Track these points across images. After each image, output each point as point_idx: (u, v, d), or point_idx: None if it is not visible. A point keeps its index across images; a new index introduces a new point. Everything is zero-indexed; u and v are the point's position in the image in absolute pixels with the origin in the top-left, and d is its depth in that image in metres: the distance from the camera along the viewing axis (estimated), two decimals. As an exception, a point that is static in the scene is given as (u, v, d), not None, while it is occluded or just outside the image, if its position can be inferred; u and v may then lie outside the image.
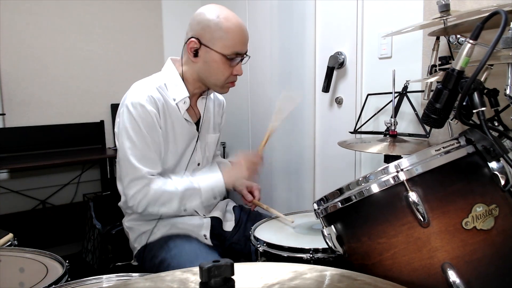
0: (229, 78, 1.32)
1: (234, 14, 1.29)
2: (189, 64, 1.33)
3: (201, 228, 1.39)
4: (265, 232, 1.24)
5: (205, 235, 1.38)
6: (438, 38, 1.44)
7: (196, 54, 1.29)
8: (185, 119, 1.36)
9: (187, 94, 1.33)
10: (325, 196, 0.86)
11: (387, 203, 0.77)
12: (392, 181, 0.76)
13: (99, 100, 2.87)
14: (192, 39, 1.27)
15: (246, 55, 1.33)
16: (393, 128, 1.48)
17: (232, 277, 0.54)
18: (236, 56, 1.29)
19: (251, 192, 1.51)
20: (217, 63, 1.28)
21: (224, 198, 1.61)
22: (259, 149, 1.44)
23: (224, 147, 2.93)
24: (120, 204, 1.44)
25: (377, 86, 1.92)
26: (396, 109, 1.65)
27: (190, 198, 1.28)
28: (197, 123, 1.41)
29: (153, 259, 1.30)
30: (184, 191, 1.27)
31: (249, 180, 1.46)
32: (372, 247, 0.78)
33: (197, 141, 1.40)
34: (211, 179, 1.32)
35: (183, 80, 1.34)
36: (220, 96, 1.56)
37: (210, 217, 1.44)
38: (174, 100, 1.32)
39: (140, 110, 1.25)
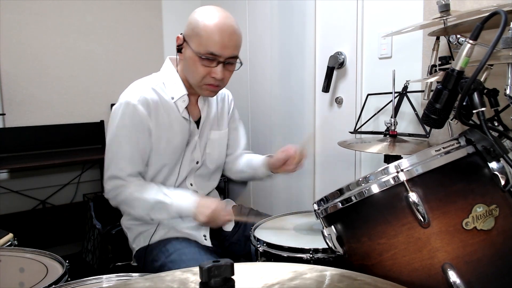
0: (206, 79, 1.27)
1: (225, 16, 1.25)
2: (180, 62, 1.34)
3: (201, 229, 1.38)
4: (265, 232, 1.24)
5: (204, 236, 1.37)
6: (438, 38, 1.44)
7: (179, 50, 1.30)
8: (183, 117, 1.35)
9: (185, 92, 1.33)
10: (325, 197, 0.86)
11: (387, 203, 0.77)
12: (392, 182, 0.75)
13: (99, 100, 2.87)
14: (179, 35, 1.29)
15: (239, 61, 1.29)
16: (393, 128, 1.48)
17: (232, 277, 0.54)
18: (212, 57, 1.23)
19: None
20: (192, 60, 1.26)
21: (224, 198, 1.61)
22: (235, 217, 1.39)
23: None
24: None
25: (377, 86, 1.92)
26: (396, 109, 1.65)
27: (158, 211, 1.28)
28: (199, 121, 1.41)
29: (153, 262, 1.30)
30: (155, 203, 1.27)
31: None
32: (372, 247, 0.78)
33: (198, 139, 1.39)
34: (184, 201, 1.28)
35: (180, 78, 1.35)
36: (224, 90, 1.53)
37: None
38: (173, 98, 1.32)
39: (131, 109, 1.26)
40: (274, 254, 1.11)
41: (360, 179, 0.79)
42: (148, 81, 1.34)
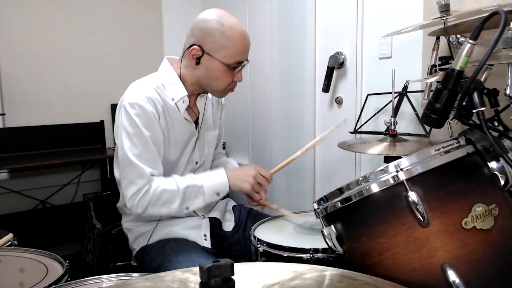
0: (230, 85, 1.33)
1: (237, 21, 1.29)
2: (188, 68, 1.32)
3: (200, 228, 1.38)
4: (265, 232, 1.24)
5: (204, 235, 1.37)
6: (438, 38, 1.44)
7: (198, 61, 1.28)
8: (185, 119, 1.35)
9: (186, 93, 1.33)
10: (325, 196, 0.86)
11: (386, 202, 0.77)
12: (391, 181, 0.76)
13: (99, 100, 2.87)
14: (195, 46, 1.26)
15: (247, 60, 1.32)
16: (393, 128, 1.48)
17: (232, 277, 0.54)
18: (238, 65, 1.29)
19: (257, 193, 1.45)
20: (219, 71, 1.28)
21: (224, 198, 1.61)
22: (271, 171, 1.41)
23: (224, 147, 2.93)
24: (118, 205, 1.44)
25: (377, 86, 1.92)
26: (396, 109, 1.65)
27: (192, 196, 1.27)
28: (196, 122, 1.41)
29: (151, 262, 1.30)
30: (186, 188, 1.26)
31: (248, 194, 1.38)
32: (372, 247, 0.78)
33: (196, 140, 1.40)
34: (214, 177, 1.31)
35: (181, 80, 1.33)
36: None
37: (209, 218, 1.44)
38: (173, 100, 1.32)
39: (138, 110, 1.24)
40: (274, 254, 1.11)
41: (360, 179, 0.79)
42: (148, 81, 1.32)
